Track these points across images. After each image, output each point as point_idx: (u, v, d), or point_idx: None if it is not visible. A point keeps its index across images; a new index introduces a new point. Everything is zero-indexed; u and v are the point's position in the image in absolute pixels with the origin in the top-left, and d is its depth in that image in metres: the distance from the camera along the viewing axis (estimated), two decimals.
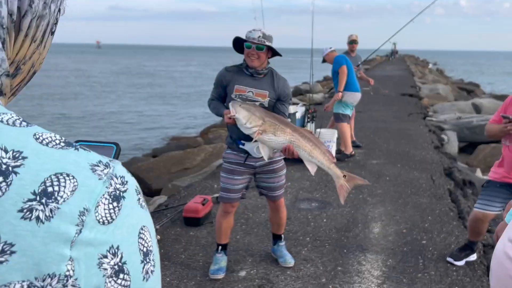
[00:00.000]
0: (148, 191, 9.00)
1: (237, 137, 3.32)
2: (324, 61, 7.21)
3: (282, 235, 3.77)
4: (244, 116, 3.06)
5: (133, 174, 4.18)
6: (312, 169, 3.14)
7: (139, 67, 63.88)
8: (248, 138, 3.18)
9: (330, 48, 7.16)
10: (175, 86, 37.12)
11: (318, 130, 7.49)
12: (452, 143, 9.35)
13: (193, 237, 4.25)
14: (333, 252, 3.96)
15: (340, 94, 6.91)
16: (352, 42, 7.72)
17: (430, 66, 52.51)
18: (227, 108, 3.17)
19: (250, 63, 3.22)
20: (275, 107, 3.32)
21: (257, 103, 3.25)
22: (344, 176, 3.14)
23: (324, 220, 4.71)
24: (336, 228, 4.50)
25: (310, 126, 7.54)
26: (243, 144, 3.31)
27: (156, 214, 4.97)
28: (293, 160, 3.63)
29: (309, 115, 7.44)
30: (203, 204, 4.53)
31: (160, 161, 9.94)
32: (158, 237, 4.10)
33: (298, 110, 7.16)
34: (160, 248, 4.02)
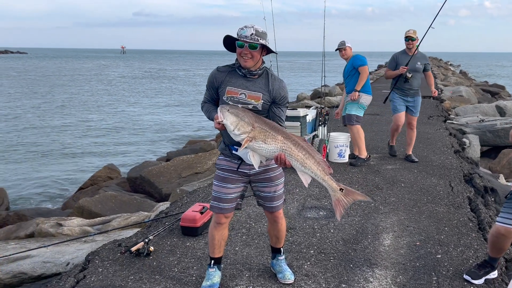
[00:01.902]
0: (159, 196, 8.82)
1: (230, 143, 3.06)
2: (343, 49, 6.77)
3: (282, 249, 3.48)
4: (232, 122, 2.80)
5: (144, 178, 3.88)
6: (306, 181, 2.85)
7: (160, 71, 64.30)
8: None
9: (349, 44, 6.80)
10: (195, 90, 37.12)
11: (330, 133, 7.17)
12: (474, 147, 8.89)
13: (189, 249, 3.99)
14: (338, 267, 3.65)
15: (357, 94, 6.58)
16: (408, 39, 6.76)
17: (453, 68, 51.34)
18: None
19: (243, 63, 2.95)
20: (270, 110, 3.05)
21: (250, 106, 2.98)
22: (341, 189, 2.84)
23: (331, 230, 4.40)
24: (343, 240, 4.18)
25: (322, 130, 7.23)
26: (237, 150, 3.04)
27: (154, 223, 4.75)
28: None
29: (321, 118, 7.12)
30: (202, 213, 4.28)
31: (171, 165, 9.74)
32: (151, 248, 3.86)
33: (309, 113, 6.85)
34: (153, 260, 3.78)
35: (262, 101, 3.00)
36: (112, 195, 7.63)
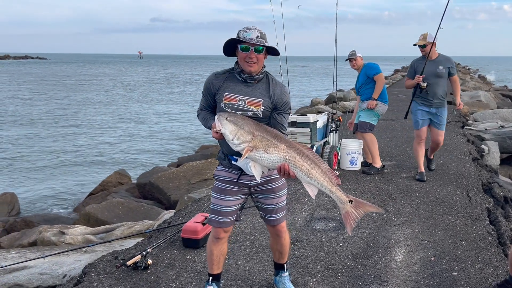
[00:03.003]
0: (167, 203, 8.68)
1: (229, 152, 2.87)
2: (351, 61, 6.57)
3: (285, 265, 3.27)
4: (231, 131, 2.60)
5: (153, 184, 3.64)
6: (312, 192, 2.64)
7: (176, 76, 64.61)
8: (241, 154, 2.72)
9: (360, 54, 6.62)
10: None
11: (342, 140, 6.94)
12: (493, 154, 8.55)
13: (189, 262, 3.80)
14: (346, 285, 3.42)
15: (375, 102, 6.39)
16: (419, 47, 6.08)
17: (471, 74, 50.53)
18: None
19: (248, 68, 2.75)
20: (272, 117, 2.85)
21: (250, 113, 2.78)
22: (351, 201, 2.62)
23: (340, 244, 4.17)
24: (352, 254, 3.95)
25: (333, 136, 7.00)
26: (236, 160, 2.85)
27: (156, 233, 4.57)
28: None
29: (332, 124, 6.89)
30: (204, 224, 4.09)
31: (180, 171, 9.59)
32: (150, 261, 3.68)
33: (319, 118, 6.62)
34: (151, 274, 3.60)
35: (263, 107, 2.81)
36: (119, 201, 7.50)
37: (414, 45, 6.09)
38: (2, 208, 9.45)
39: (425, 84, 5.98)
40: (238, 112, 2.77)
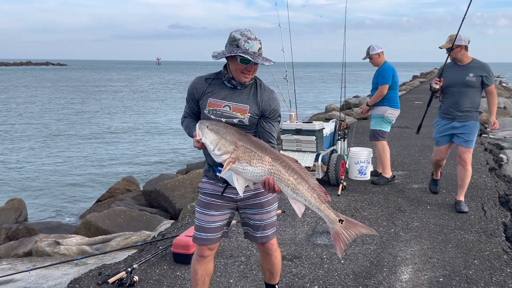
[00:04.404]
0: (173, 211, 8.48)
1: (214, 163, 2.64)
2: (369, 58, 6.26)
3: (277, 286, 3.01)
4: (212, 141, 2.38)
5: (159, 192, 3.36)
6: (299, 210, 2.39)
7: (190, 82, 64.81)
8: None
9: (381, 49, 6.25)
10: None
11: (350, 148, 6.65)
12: None
13: (179, 279, 3.57)
14: None
15: (367, 108, 6.38)
16: (450, 49, 5.08)
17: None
18: None
19: (243, 79, 2.51)
20: (259, 125, 2.61)
21: (235, 120, 2.55)
22: (341, 220, 2.37)
23: (342, 261, 3.89)
24: (354, 273, 3.67)
25: (341, 144, 6.71)
26: (221, 171, 2.61)
27: (147, 246, 4.36)
28: None
29: (340, 132, 6.61)
30: None
31: (187, 178, 9.40)
32: (136, 278, 3.46)
33: (326, 126, 6.34)
34: None
35: (249, 114, 2.57)
36: (121, 210, 7.33)
37: (440, 47, 5.16)
38: (9, 214, 9.38)
39: (437, 86, 5.06)
40: (222, 119, 2.54)
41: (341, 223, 2.36)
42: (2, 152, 15.61)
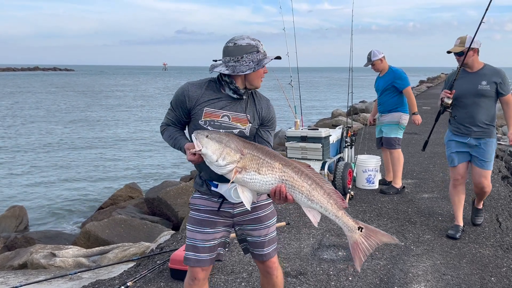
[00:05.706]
0: (176, 219, 8.28)
1: (209, 177, 2.43)
2: (371, 65, 6.05)
3: None
4: (214, 151, 2.16)
5: (161, 200, 3.07)
6: (314, 218, 2.21)
7: None
8: (224, 178, 2.28)
9: (383, 54, 6.04)
10: None
11: (358, 156, 6.42)
12: None
13: None
14: None
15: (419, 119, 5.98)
16: (461, 53, 4.35)
17: None
18: (191, 138, 2.30)
19: (259, 84, 2.39)
20: (257, 134, 2.43)
21: (236, 131, 2.34)
22: (360, 228, 2.17)
23: (350, 278, 3.66)
24: None
25: (348, 152, 6.48)
26: (217, 186, 2.41)
27: (144, 260, 4.15)
28: None
29: (347, 139, 6.38)
30: None
31: (190, 185, 9.21)
32: None
33: (332, 133, 6.12)
34: None
35: (250, 124, 2.37)
36: (122, 219, 7.13)
37: (448, 52, 4.48)
38: (10, 222, 9.23)
39: (449, 101, 4.37)
40: (221, 130, 2.33)
41: (361, 231, 2.17)
42: (5, 158, 15.51)
